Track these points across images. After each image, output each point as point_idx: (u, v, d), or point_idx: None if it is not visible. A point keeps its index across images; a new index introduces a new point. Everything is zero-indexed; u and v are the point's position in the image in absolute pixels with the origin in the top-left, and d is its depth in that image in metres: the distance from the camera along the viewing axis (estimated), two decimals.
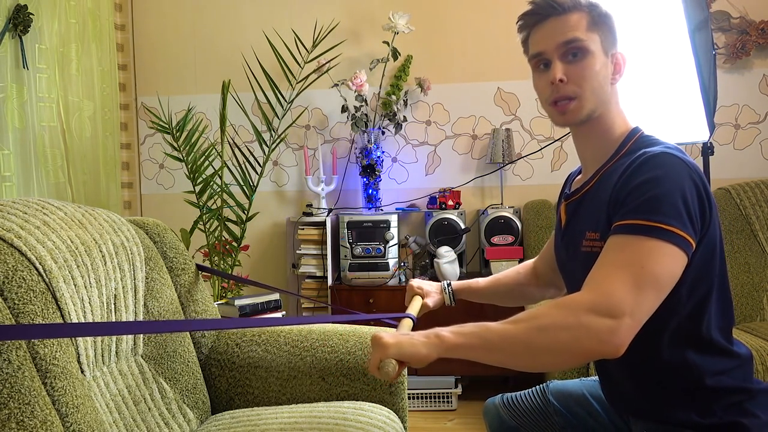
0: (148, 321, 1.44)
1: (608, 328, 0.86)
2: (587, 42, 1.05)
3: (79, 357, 1.21)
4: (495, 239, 2.82)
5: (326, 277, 2.87)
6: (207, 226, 2.80)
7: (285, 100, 2.92)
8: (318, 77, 2.95)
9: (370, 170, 2.97)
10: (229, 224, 2.86)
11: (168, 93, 3.22)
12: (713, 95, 1.78)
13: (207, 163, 2.77)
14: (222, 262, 2.81)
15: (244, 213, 2.86)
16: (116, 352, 1.33)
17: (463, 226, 2.88)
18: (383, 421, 1.41)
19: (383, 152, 3.07)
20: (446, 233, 2.86)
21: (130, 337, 1.39)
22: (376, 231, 2.81)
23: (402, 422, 1.53)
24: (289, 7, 3.19)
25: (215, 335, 1.68)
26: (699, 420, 1.00)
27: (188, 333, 1.60)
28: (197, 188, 2.76)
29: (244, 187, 2.87)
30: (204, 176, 2.76)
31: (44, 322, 1.10)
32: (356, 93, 2.93)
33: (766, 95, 2.95)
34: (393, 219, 2.84)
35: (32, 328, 1.06)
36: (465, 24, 3.09)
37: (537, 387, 1.35)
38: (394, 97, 2.99)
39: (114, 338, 1.33)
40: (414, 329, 1.05)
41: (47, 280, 1.15)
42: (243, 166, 2.88)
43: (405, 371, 1.60)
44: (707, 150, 1.87)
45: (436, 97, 3.11)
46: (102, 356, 1.29)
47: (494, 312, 1.14)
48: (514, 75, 3.04)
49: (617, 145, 1.09)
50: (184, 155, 2.73)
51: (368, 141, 2.98)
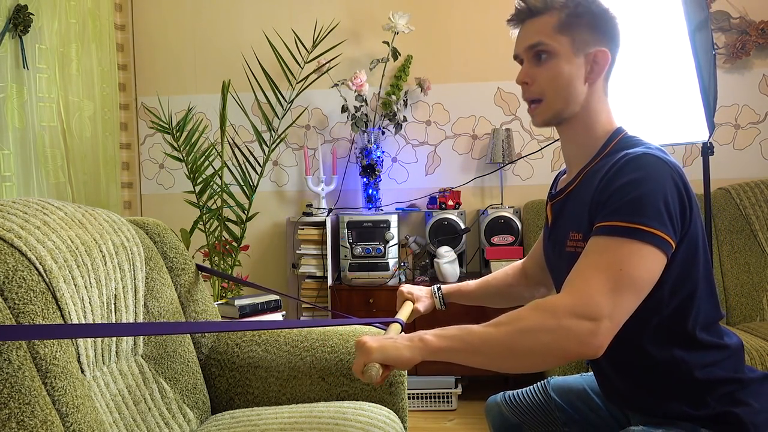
0: (153, 323, 1.44)
1: (588, 331, 0.88)
2: (551, 45, 1.07)
3: (79, 357, 1.21)
4: (495, 239, 2.82)
5: (326, 277, 2.87)
6: (207, 226, 2.80)
7: (285, 100, 2.92)
8: (318, 77, 2.96)
9: (370, 170, 2.97)
10: (229, 224, 2.86)
11: (168, 93, 3.22)
12: (713, 95, 1.78)
13: (207, 163, 2.77)
14: (222, 262, 2.81)
15: (244, 213, 2.86)
16: (116, 352, 1.33)
17: (463, 226, 2.88)
18: (383, 421, 1.41)
19: (383, 152, 3.07)
20: (446, 233, 2.86)
21: (130, 337, 1.39)
22: (376, 231, 2.81)
23: (402, 422, 1.53)
24: (289, 7, 3.19)
25: (215, 335, 1.68)
26: (692, 412, 1.01)
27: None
28: (197, 188, 2.76)
29: (244, 187, 2.87)
30: (204, 176, 2.76)
31: (44, 322, 1.10)
32: (356, 93, 2.93)
33: (766, 95, 2.95)
34: (393, 219, 2.84)
35: (33, 329, 1.06)
36: (465, 24, 3.09)
37: (538, 383, 1.35)
38: (394, 97, 2.99)
39: (114, 338, 1.33)
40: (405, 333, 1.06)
41: (47, 280, 1.15)
42: (243, 166, 2.88)
43: (394, 375, 1.60)
44: (707, 150, 1.87)
45: (436, 97, 3.11)
46: (102, 356, 1.29)
47: (493, 313, 1.14)
48: (514, 75, 3.01)
49: (600, 145, 1.09)
50: (184, 155, 2.73)
51: (368, 141, 2.98)
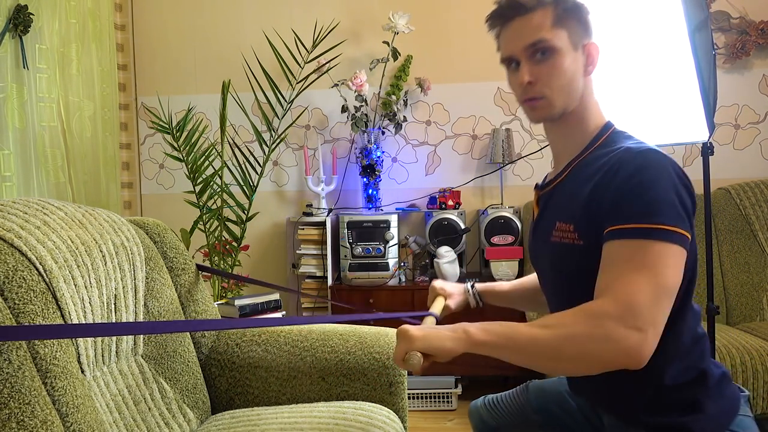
0: (151, 321, 1.44)
1: (636, 343, 0.86)
2: (553, 40, 1.05)
3: (80, 357, 1.21)
4: (495, 239, 2.82)
5: (326, 277, 2.87)
6: (207, 226, 2.80)
7: (285, 100, 2.92)
8: (318, 77, 2.96)
9: (370, 170, 2.97)
10: (229, 224, 2.86)
11: (168, 93, 3.22)
12: (713, 95, 1.78)
13: (207, 163, 2.77)
14: (222, 262, 2.81)
15: (244, 213, 2.86)
16: (116, 352, 1.33)
17: (463, 226, 2.88)
18: (383, 421, 1.41)
19: (383, 152, 3.07)
20: (446, 233, 2.86)
21: (130, 337, 1.39)
22: (376, 231, 2.81)
23: (402, 422, 1.53)
24: (289, 7, 3.19)
25: (215, 335, 1.69)
26: (645, 417, 1.01)
27: (188, 333, 1.60)
28: (197, 188, 2.76)
29: (244, 187, 2.87)
30: (204, 176, 2.76)
31: (44, 322, 1.10)
32: (356, 93, 2.93)
33: (766, 95, 2.95)
34: (393, 219, 2.84)
35: (33, 329, 1.06)
36: (465, 24, 3.09)
37: (518, 387, 1.35)
38: (394, 97, 2.99)
39: (114, 338, 1.33)
40: None
41: (47, 280, 1.15)
42: (243, 166, 2.88)
43: (394, 375, 1.60)
44: (707, 150, 1.87)
45: (436, 97, 3.11)
46: (102, 356, 1.29)
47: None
48: None
49: (591, 138, 1.09)
50: (184, 155, 2.73)
51: (368, 141, 2.98)
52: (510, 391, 1.36)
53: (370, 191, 3.01)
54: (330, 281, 2.86)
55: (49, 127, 2.58)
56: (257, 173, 2.89)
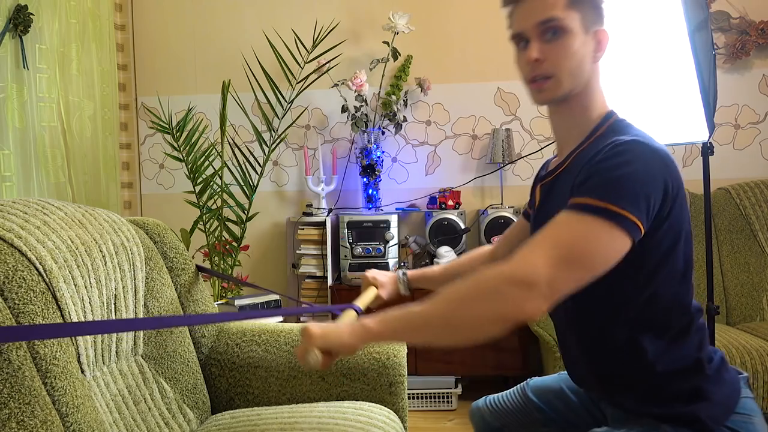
0: (140, 318, 1.45)
1: (521, 296, 0.87)
2: (565, 20, 1.04)
3: (79, 357, 1.21)
4: (495, 239, 2.82)
5: (326, 277, 2.87)
6: (207, 226, 2.80)
7: (285, 100, 2.92)
8: (318, 77, 2.96)
9: (370, 170, 2.97)
10: (229, 224, 2.86)
11: (168, 93, 3.22)
12: (713, 95, 1.78)
13: (207, 163, 2.77)
14: (222, 262, 2.81)
15: (244, 213, 2.86)
16: (116, 352, 1.33)
17: (463, 226, 2.88)
18: (383, 421, 1.41)
19: (383, 152, 3.07)
20: (446, 233, 2.86)
21: (130, 337, 1.39)
22: (376, 231, 2.81)
23: (402, 422, 1.53)
24: (289, 7, 3.19)
25: (215, 335, 1.69)
26: (653, 408, 1.01)
27: (188, 333, 1.60)
28: (197, 188, 2.76)
29: (244, 187, 2.87)
30: (204, 176, 2.76)
31: (44, 322, 1.10)
32: (356, 93, 2.93)
33: (766, 95, 2.95)
34: (393, 219, 2.84)
35: (32, 329, 1.06)
36: (465, 24, 3.09)
37: (517, 386, 1.36)
38: (394, 97, 2.99)
39: (114, 338, 1.33)
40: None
41: (47, 280, 1.15)
42: (243, 166, 2.88)
43: (394, 375, 1.60)
44: (707, 150, 1.87)
45: (436, 97, 3.11)
46: (102, 356, 1.29)
47: None
48: (514, 75, 2.99)
49: (592, 127, 1.09)
50: (184, 155, 2.73)
51: (368, 141, 2.98)
52: (510, 390, 1.36)
53: (370, 191, 3.01)
54: (330, 281, 2.86)
55: (49, 127, 2.58)
56: (257, 173, 2.89)
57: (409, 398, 2.67)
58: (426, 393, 2.72)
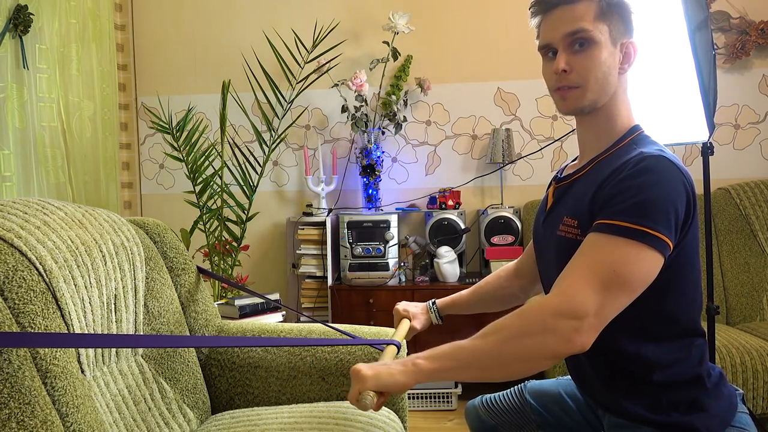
0: (150, 335, 1.44)
1: (571, 328, 0.89)
2: (593, 32, 1.04)
3: (80, 357, 1.21)
4: (495, 239, 2.82)
5: (326, 277, 2.87)
6: (207, 226, 2.80)
7: (285, 100, 2.92)
8: (318, 77, 2.96)
9: (370, 170, 2.97)
10: (229, 224, 2.86)
11: (168, 93, 3.22)
12: (713, 95, 1.78)
13: (207, 163, 2.77)
14: (222, 262, 2.81)
15: (244, 213, 2.86)
16: (116, 352, 1.33)
17: (463, 226, 2.88)
18: (383, 421, 1.41)
19: (383, 152, 3.07)
20: (446, 233, 2.86)
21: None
22: (376, 231, 2.81)
23: (402, 422, 1.53)
24: (289, 7, 3.19)
25: (216, 335, 1.68)
26: (650, 416, 1.02)
27: (189, 333, 1.60)
28: (197, 188, 2.76)
29: (244, 187, 2.87)
30: (204, 176, 2.76)
31: (44, 322, 1.10)
32: (356, 93, 2.93)
33: (766, 95, 2.95)
34: (393, 219, 2.84)
35: (35, 337, 1.05)
36: (465, 24, 3.09)
37: (515, 387, 1.36)
38: (394, 97, 2.99)
39: None
40: (403, 352, 1.07)
41: (47, 280, 1.15)
42: (243, 166, 2.89)
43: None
44: (707, 150, 1.87)
45: (436, 97, 3.11)
46: (102, 356, 1.29)
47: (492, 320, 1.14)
48: (514, 75, 3.04)
49: (616, 138, 1.09)
50: (184, 155, 2.73)
51: (368, 141, 2.98)
52: (507, 391, 1.36)
53: (370, 191, 3.01)
54: (330, 281, 2.86)
55: (49, 127, 2.58)
56: (257, 173, 2.89)
57: (409, 398, 2.67)
58: (426, 393, 2.72)
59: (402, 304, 1.43)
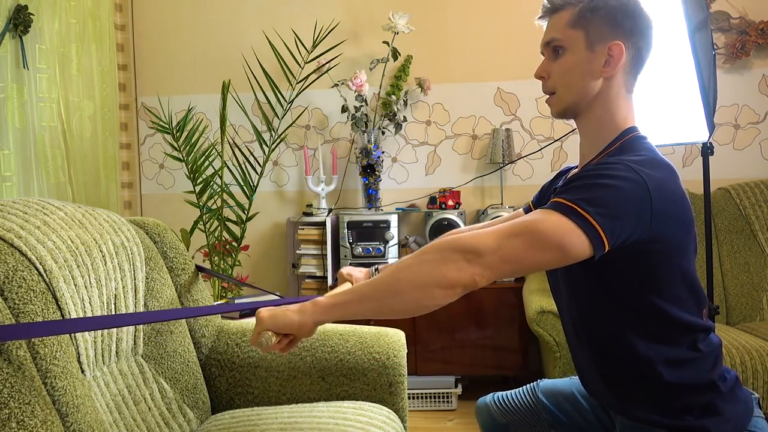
0: (134, 313, 1.44)
1: (465, 259, 0.89)
2: (563, 41, 1.09)
3: (80, 357, 1.21)
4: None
5: (326, 277, 2.87)
6: (207, 226, 2.80)
7: (285, 100, 2.92)
8: (318, 77, 2.96)
9: (370, 170, 2.97)
10: (229, 224, 2.86)
11: (168, 93, 3.22)
12: (713, 95, 1.78)
13: (207, 163, 2.77)
14: (222, 262, 2.81)
15: (244, 213, 2.86)
16: (116, 352, 1.33)
17: (463, 226, 2.88)
18: (383, 421, 1.41)
19: (383, 152, 3.07)
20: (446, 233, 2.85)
21: (130, 337, 1.39)
22: (376, 231, 2.81)
23: (402, 422, 1.53)
24: (289, 7, 3.19)
25: (215, 335, 1.69)
26: (662, 419, 1.01)
27: (188, 333, 1.60)
28: (197, 188, 2.76)
29: (244, 187, 2.87)
30: (204, 176, 2.76)
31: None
32: (356, 93, 2.93)
33: (766, 95, 2.95)
34: (393, 219, 2.84)
35: (32, 327, 1.05)
36: (465, 24, 3.09)
37: (527, 385, 1.36)
38: (394, 97, 2.99)
39: (114, 338, 1.33)
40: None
41: (47, 280, 1.15)
42: (243, 166, 2.89)
43: (394, 375, 1.59)
44: (707, 150, 1.87)
45: (436, 97, 3.11)
46: (102, 356, 1.29)
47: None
48: (514, 75, 3.04)
49: (608, 142, 1.09)
50: (184, 155, 2.73)
51: (368, 141, 2.98)
52: (520, 389, 1.36)
53: (370, 191, 3.01)
54: (330, 281, 2.86)
55: (49, 127, 2.58)
56: (257, 173, 2.89)
57: (409, 398, 2.67)
58: (426, 393, 2.72)
59: (346, 269, 1.42)
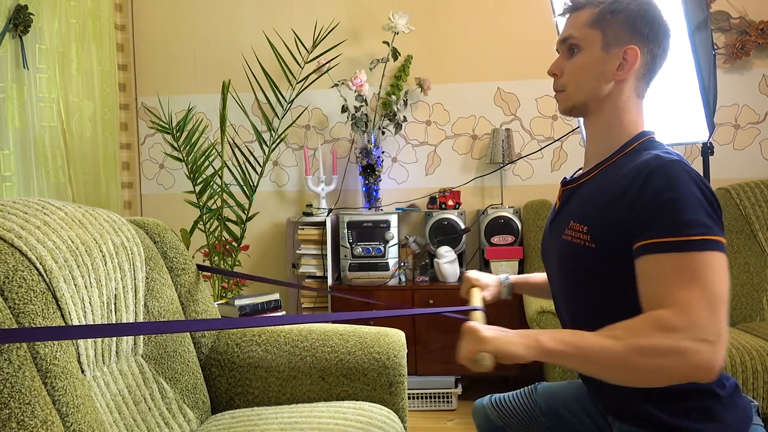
0: (151, 322, 1.44)
1: (707, 356, 0.85)
2: (579, 39, 1.09)
3: (80, 357, 1.21)
4: (495, 239, 2.82)
5: (326, 277, 2.87)
6: (207, 226, 2.80)
7: (285, 100, 2.92)
8: (318, 77, 2.96)
9: (370, 170, 2.97)
10: (229, 224, 2.86)
11: (168, 93, 3.22)
12: (713, 95, 1.78)
13: (207, 163, 2.77)
14: (222, 262, 2.81)
15: (244, 213, 2.86)
16: (116, 352, 1.33)
17: (463, 226, 2.88)
18: (383, 421, 1.41)
19: (383, 152, 3.07)
20: (446, 233, 2.86)
21: (131, 337, 1.39)
22: (376, 231, 2.81)
23: (402, 422, 1.53)
24: (289, 7, 3.19)
25: (215, 335, 1.69)
26: (667, 419, 1.01)
27: (188, 333, 1.60)
28: (197, 188, 2.76)
29: (244, 187, 2.87)
30: (204, 176, 2.76)
31: (45, 322, 1.10)
32: (356, 93, 2.93)
33: (766, 95, 2.95)
34: (393, 219, 2.84)
35: (36, 331, 1.06)
36: (465, 24, 3.09)
37: (525, 388, 1.35)
38: (394, 97, 2.99)
39: (114, 338, 1.33)
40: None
41: (48, 280, 1.15)
42: (243, 166, 2.89)
43: (394, 375, 1.60)
44: (707, 150, 1.87)
45: (436, 97, 3.11)
46: (102, 356, 1.29)
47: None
48: (514, 75, 3.04)
49: (620, 144, 1.09)
50: (184, 155, 2.73)
51: (368, 141, 2.98)
52: (517, 392, 1.35)
53: (370, 191, 3.01)
54: (330, 281, 2.86)
55: (49, 127, 2.58)
56: (257, 173, 2.89)
57: (409, 398, 2.67)
58: (426, 393, 2.72)
59: (473, 273, 1.39)
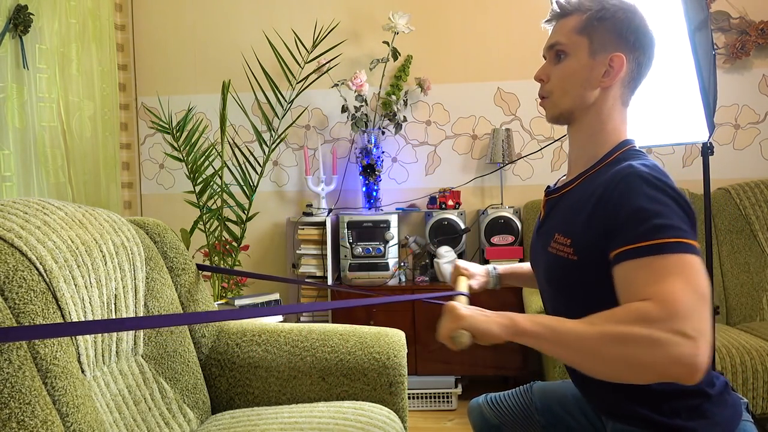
0: (146, 317, 1.44)
1: (688, 351, 0.80)
2: (566, 45, 1.09)
3: (80, 357, 1.21)
4: (495, 239, 2.82)
5: (326, 277, 2.87)
6: (207, 226, 2.80)
7: (285, 100, 2.92)
8: (318, 77, 2.96)
9: (370, 170, 2.97)
10: (229, 224, 2.86)
11: (168, 93, 3.22)
12: (713, 95, 1.78)
13: (207, 163, 2.77)
14: (222, 262, 2.81)
15: (244, 213, 2.86)
16: (116, 352, 1.33)
17: (463, 226, 2.88)
18: (383, 421, 1.41)
19: (383, 152, 3.07)
20: (446, 233, 2.86)
21: (130, 337, 1.39)
22: (376, 231, 2.81)
23: (402, 422, 1.53)
24: (289, 7, 3.19)
25: (215, 335, 1.69)
26: (653, 416, 1.01)
27: (188, 333, 1.60)
28: (197, 188, 2.76)
29: (244, 187, 2.87)
30: (204, 176, 2.76)
31: (45, 322, 1.10)
32: (356, 93, 2.93)
33: (766, 95, 2.95)
34: (393, 219, 2.84)
35: (34, 329, 1.06)
36: (465, 24, 3.09)
37: (521, 387, 1.36)
38: (394, 97, 2.99)
39: (114, 338, 1.33)
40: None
41: (48, 280, 1.15)
42: (243, 166, 2.89)
43: (394, 375, 1.59)
44: (707, 150, 1.87)
45: (436, 97, 3.11)
46: (102, 356, 1.29)
47: None
48: (514, 75, 3.04)
49: (603, 153, 1.08)
50: (184, 155, 2.73)
51: (368, 141, 2.98)
52: (513, 390, 1.36)
53: (370, 191, 3.01)
54: (330, 281, 2.86)
55: (49, 127, 2.58)
56: (257, 173, 2.89)
57: (409, 398, 2.67)
58: (426, 393, 2.72)
59: (462, 262, 1.40)
